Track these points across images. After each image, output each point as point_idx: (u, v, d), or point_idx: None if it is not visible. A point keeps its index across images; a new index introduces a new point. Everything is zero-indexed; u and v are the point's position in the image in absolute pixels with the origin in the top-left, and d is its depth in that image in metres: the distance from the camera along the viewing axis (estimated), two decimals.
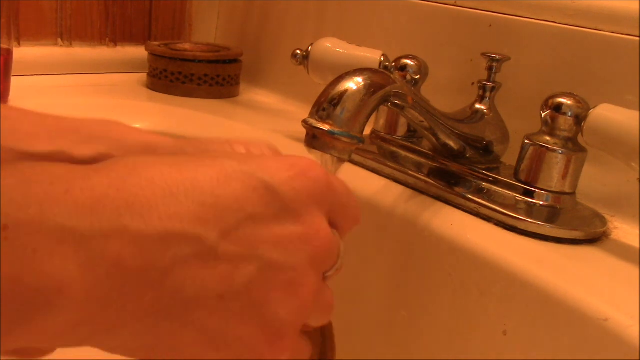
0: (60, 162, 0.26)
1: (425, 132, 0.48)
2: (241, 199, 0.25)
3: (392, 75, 0.43)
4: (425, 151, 0.53)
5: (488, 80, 0.51)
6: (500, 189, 0.48)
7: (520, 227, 0.44)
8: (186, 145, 0.34)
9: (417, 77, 0.55)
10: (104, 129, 0.34)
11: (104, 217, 0.22)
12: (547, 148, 0.46)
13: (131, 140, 0.34)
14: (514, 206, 0.46)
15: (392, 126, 0.56)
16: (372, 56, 0.56)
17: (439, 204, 0.48)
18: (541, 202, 0.46)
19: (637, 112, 0.41)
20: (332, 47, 0.58)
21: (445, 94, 0.58)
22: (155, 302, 0.23)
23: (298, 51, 0.59)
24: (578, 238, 0.44)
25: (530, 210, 0.46)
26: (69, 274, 0.21)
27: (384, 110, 0.56)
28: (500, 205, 0.46)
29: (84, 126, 0.34)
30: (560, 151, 0.45)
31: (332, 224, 0.29)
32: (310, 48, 0.58)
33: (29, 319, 0.21)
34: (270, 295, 0.25)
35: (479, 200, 0.47)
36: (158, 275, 0.23)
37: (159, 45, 0.76)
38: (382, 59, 0.56)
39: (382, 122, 0.57)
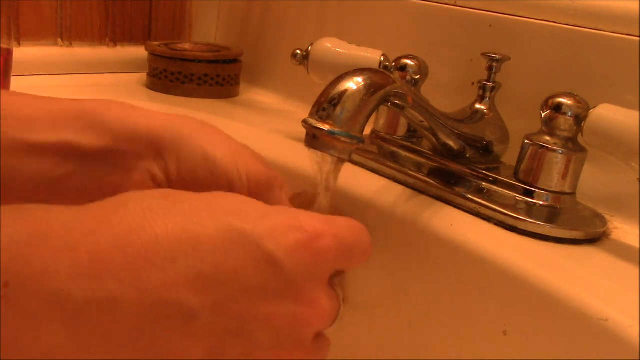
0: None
1: (425, 132, 0.48)
2: (240, 271, 0.25)
3: (392, 75, 0.43)
4: (425, 151, 0.53)
5: (488, 80, 0.51)
6: (500, 189, 0.48)
7: (520, 227, 0.44)
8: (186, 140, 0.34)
9: (417, 77, 0.55)
10: (106, 111, 0.34)
11: (102, 284, 0.22)
12: (547, 148, 0.46)
13: (133, 125, 0.33)
14: (514, 206, 0.46)
15: (392, 126, 0.56)
16: (372, 56, 0.56)
17: (439, 204, 0.48)
18: (541, 202, 0.46)
19: (637, 112, 0.41)
20: (332, 47, 0.58)
21: (445, 94, 0.58)
22: None
23: (298, 51, 0.59)
24: (578, 238, 0.44)
25: (530, 210, 0.46)
26: (58, 344, 0.21)
27: (384, 110, 0.56)
28: (500, 205, 0.46)
29: (86, 109, 0.33)
30: (560, 151, 0.45)
31: (339, 269, 0.29)
32: (310, 48, 0.58)
33: None
34: None
35: (479, 200, 0.47)
36: (145, 344, 0.23)
37: (159, 45, 0.76)
38: (382, 59, 0.56)
39: (382, 122, 0.57)
